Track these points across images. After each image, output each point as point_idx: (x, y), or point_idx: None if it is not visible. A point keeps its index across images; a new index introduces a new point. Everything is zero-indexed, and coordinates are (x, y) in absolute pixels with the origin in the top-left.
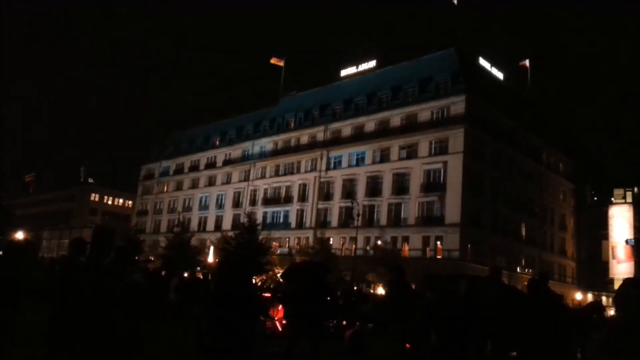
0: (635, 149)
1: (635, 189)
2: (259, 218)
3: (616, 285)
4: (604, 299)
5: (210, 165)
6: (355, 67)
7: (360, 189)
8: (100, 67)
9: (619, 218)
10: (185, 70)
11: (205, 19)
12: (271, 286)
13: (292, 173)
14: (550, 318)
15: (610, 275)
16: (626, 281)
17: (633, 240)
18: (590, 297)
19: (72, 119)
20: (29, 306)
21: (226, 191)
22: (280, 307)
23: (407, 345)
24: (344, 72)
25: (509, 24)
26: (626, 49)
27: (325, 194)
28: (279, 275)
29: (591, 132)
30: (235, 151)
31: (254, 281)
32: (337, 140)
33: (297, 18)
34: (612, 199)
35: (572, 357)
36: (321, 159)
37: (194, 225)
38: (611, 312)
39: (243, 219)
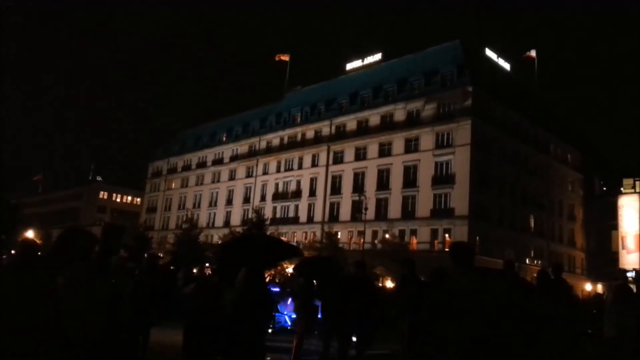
0: None
1: None
2: (268, 213)
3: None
4: None
5: (217, 161)
6: (360, 60)
7: (369, 183)
8: (107, 66)
9: (629, 208)
10: (191, 68)
11: (210, 15)
12: (280, 281)
13: (299, 168)
14: (557, 308)
15: (620, 266)
16: None
17: None
18: (600, 287)
19: (80, 118)
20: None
21: (234, 187)
22: (289, 301)
23: (415, 338)
24: (349, 66)
25: (514, 15)
26: (632, 39)
27: (334, 188)
28: (287, 270)
29: (598, 123)
30: (242, 147)
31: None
32: (343, 134)
33: (302, 12)
34: (621, 188)
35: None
36: (328, 153)
37: (202, 221)
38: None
39: (251, 214)
